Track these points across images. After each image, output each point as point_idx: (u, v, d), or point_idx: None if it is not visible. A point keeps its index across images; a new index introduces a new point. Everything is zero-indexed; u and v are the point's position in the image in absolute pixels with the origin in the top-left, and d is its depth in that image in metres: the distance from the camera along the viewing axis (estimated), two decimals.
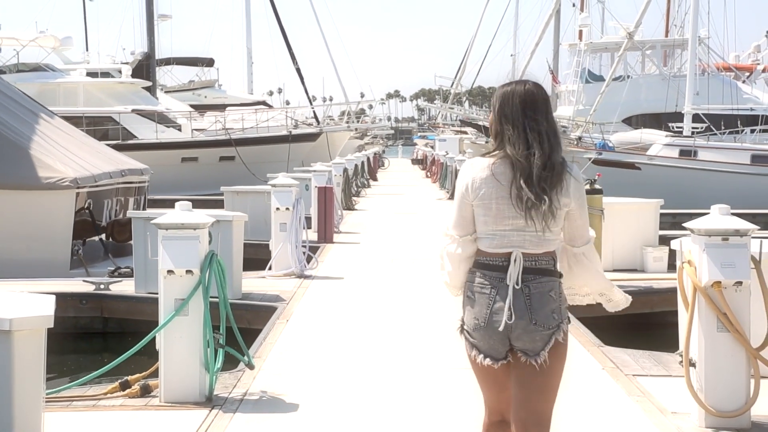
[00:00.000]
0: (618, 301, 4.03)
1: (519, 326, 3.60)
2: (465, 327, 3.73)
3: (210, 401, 6.17)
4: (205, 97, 48.46)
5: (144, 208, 15.53)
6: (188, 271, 6.16)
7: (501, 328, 3.60)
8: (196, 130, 35.46)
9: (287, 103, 65.48)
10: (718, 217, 5.70)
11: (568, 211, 3.69)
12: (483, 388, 3.82)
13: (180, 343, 6.16)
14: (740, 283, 5.57)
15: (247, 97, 51.15)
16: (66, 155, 14.04)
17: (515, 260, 3.62)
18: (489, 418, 3.87)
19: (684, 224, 5.94)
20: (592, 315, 10.43)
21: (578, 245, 3.81)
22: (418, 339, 8.31)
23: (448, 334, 7.69)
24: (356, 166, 30.42)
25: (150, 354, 6.47)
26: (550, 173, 3.59)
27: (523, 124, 3.62)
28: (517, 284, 3.61)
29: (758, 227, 5.78)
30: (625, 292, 11.76)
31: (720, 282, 5.55)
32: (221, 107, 41.05)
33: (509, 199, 3.61)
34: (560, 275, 3.72)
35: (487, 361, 3.68)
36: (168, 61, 49.85)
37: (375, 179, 39.08)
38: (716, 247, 5.59)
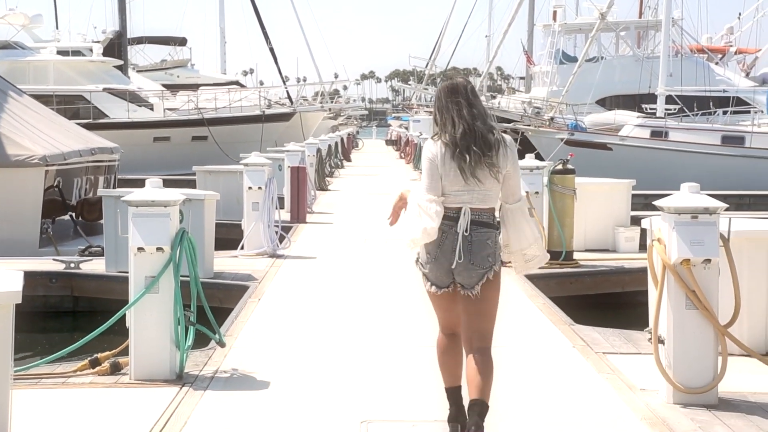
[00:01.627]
0: (540, 258, 4.92)
1: (461, 265, 4.63)
2: (419, 260, 4.76)
3: (181, 379, 6.15)
4: (178, 76, 48.10)
5: (114, 187, 15.41)
6: (159, 249, 6.13)
7: (453, 266, 4.62)
8: (168, 109, 35.22)
9: (261, 83, 65.04)
10: (688, 196, 5.73)
11: (506, 172, 4.66)
12: (435, 309, 4.87)
13: (150, 320, 6.13)
14: (709, 260, 5.61)
15: (220, 77, 50.84)
16: (35, 133, 13.90)
17: (464, 214, 4.63)
18: (442, 331, 4.88)
19: (654, 202, 5.97)
20: (565, 294, 10.58)
21: (511, 202, 4.75)
22: (388, 317, 8.33)
23: (417, 313, 7.71)
24: (330, 146, 30.33)
25: (120, 332, 6.44)
26: (482, 140, 4.60)
27: (449, 109, 4.67)
28: (466, 232, 4.61)
29: (727, 206, 5.81)
30: (597, 272, 11.84)
31: (689, 259, 5.58)
32: (194, 87, 40.76)
33: (457, 168, 4.60)
34: (498, 228, 4.71)
35: (433, 289, 4.73)
36: (140, 40, 49.39)
37: (349, 160, 39.01)
38: (685, 225, 5.62)
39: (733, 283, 5.83)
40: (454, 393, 4.81)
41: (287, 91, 40.25)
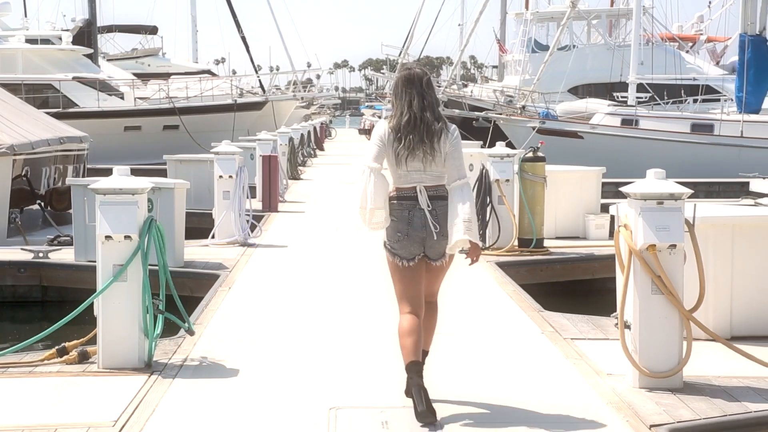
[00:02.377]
0: (462, 242, 5.16)
1: (433, 235, 5.16)
2: (388, 242, 5.25)
3: (149, 367, 6.14)
4: (149, 65, 47.79)
5: (83, 176, 15.31)
6: (126, 237, 6.10)
7: (435, 238, 5.16)
8: (139, 98, 34.97)
9: (234, 72, 64.75)
10: (654, 182, 5.78)
11: (447, 153, 5.18)
12: (404, 287, 5.27)
13: (118, 309, 6.11)
14: (674, 246, 5.66)
15: (191, 66, 50.57)
16: (2, 122, 13.78)
17: (420, 192, 5.18)
18: (408, 312, 5.25)
19: (621, 188, 6.01)
20: (536, 282, 10.65)
21: (451, 183, 5.23)
22: (358, 305, 8.34)
23: (386, 301, 7.72)
24: (302, 135, 30.28)
25: (90, 322, 6.41)
26: (427, 129, 5.14)
27: (402, 98, 5.20)
28: (429, 207, 5.15)
29: (692, 191, 5.87)
30: (567, 259, 11.92)
31: (655, 245, 5.63)
32: (165, 76, 40.50)
33: (405, 149, 5.15)
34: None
35: (404, 262, 5.21)
36: (110, 29, 49.03)
37: (322, 149, 38.96)
38: (651, 211, 5.67)
39: (698, 269, 5.88)
40: (415, 366, 5.12)
41: (259, 80, 40.09)
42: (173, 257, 10.00)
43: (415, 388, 5.03)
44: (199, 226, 13.36)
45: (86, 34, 37.21)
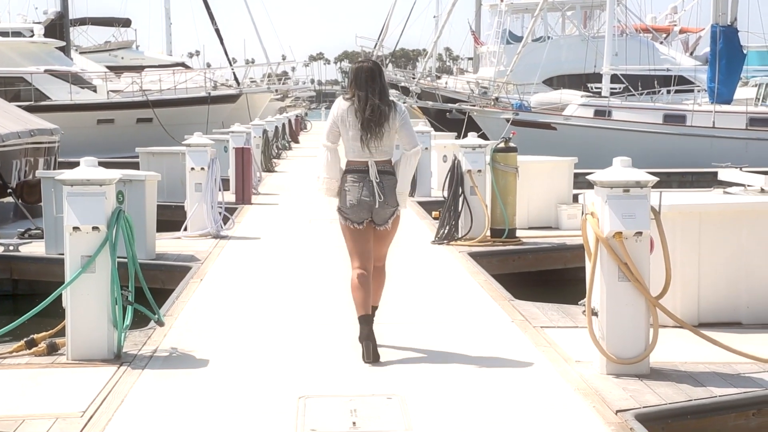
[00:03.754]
0: (401, 204, 6.25)
1: (380, 205, 6.12)
2: (341, 208, 6.20)
3: (119, 358, 6.12)
4: (122, 58, 47.49)
5: (54, 169, 15.21)
6: (94, 228, 6.07)
7: (377, 206, 6.11)
8: (112, 91, 34.78)
9: (208, 65, 64.47)
10: (620, 170, 5.83)
11: (398, 128, 6.13)
12: (355, 246, 6.23)
13: (87, 300, 6.09)
14: (640, 233, 5.71)
15: (165, 59, 50.27)
16: None
17: (371, 166, 6.12)
18: (359, 269, 6.21)
19: (587, 176, 6.06)
20: (508, 272, 10.70)
21: (408, 149, 6.20)
22: (329, 297, 8.34)
23: None
24: (277, 128, 30.18)
25: (59, 315, 6.38)
26: (379, 114, 6.06)
27: (364, 87, 6.09)
28: (377, 179, 6.10)
29: (657, 179, 5.91)
30: (539, 249, 11.99)
31: (621, 232, 5.68)
32: (138, 69, 40.28)
33: (359, 129, 6.07)
34: (396, 175, 6.20)
35: (355, 225, 6.16)
36: (83, 21, 48.65)
37: (297, 142, 38.86)
38: (618, 199, 5.72)
39: (663, 256, 5.94)
40: (366, 319, 6.13)
41: (233, 73, 39.95)
42: (144, 249, 9.98)
43: (365, 341, 6.06)
44: (172, 219, 13.31)
45: (58, 27, 36.94)
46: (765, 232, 7.14)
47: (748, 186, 9.65)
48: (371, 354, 6.02)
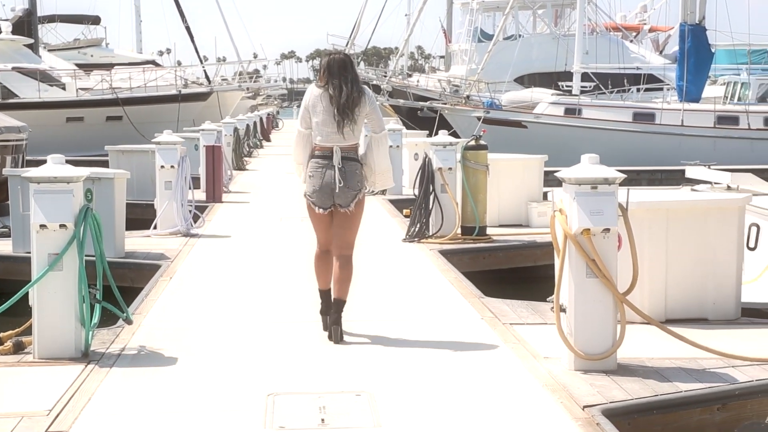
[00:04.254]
0: (385, 183, 6.79)
1: (341, 189, 6.50)
2: (307, 193, 6.60)
3: (86, 357, 6.08)
4: (92, 56, 47.11)
5: (22, 167, 15.07)
6: (62, 226, 6.03)
7: (337, 191, 6.48)
8: (81, 89, 34.50)
9: (179, 63, 64.09)
10: (588, 167, 5.86)
11: (367, 114, 6.56)
12: (317, 229, 6.73)
13: (54, 298, 6.05)
14: (608, 230, 5.75)
15: (135, 56, 49.95)
16: None
17: (336, 152, 6.50)
18: (319, 248, 6.77)
19: (556, 174, 6.09)
20: (478, 269, 10.73)
21: (377, 132, 6.67)
22: (299, 295, 8.32)
23: None
24: (248, 126, 30.10)
25: (27, 313, 6.33)
26: (353, 99, 6.45)
27: (338, 76, 6.49)
28: (340, 165, 6.47)
29: (625, 176, 5.96)
30: (510, 246, 11.98)
31: (589, 229, 5.72)
32: (108, 66, 39.98)
33: (330, 116, 6.46)
34: (360, 161, 6.61)
35: (320, 210, 6.58)
36: (51, 19, 48.24)
37: (268, 140, 38.75)
38: (586, 196, 5.75)
39: (631, 253, 5.98)
40: (325, 294, 6.73)
41: (204, 71, 39.77)
42: (113, 248, 9.92)
43: (323, 317, 6.72)
44: (142, 217, 13.23)
45: (26, 24, 36.60)
46: (730, 229, 7.22)
47: (715, 183, 9.74)
48: (338, 336, 6.50)
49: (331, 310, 6.58)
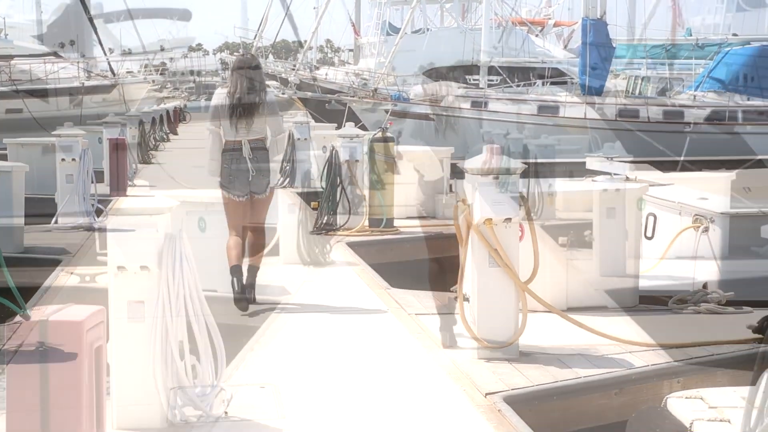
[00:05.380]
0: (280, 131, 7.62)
1: (254, 177, 7.26)
2: (222, 183, 7.31)
3: None
4: None
5: None
6: None
7: (250, 179, 7.24)
8: None
9: (83, 55, 62.71)
10: (490, 157, 5.92)
11: (267, 116, 7.23)
12: (231, 216, 7.33)
13: None
14: (509, 219, 5.83)
15: (36, 48, 48.65)
16: None
17: (244, 144, 7.26)
18: (232, 236, 7.30)
19: (459, 164, 6.15)
20: (386, 261, 10.74)
21: (275, 135, 7.45)
22: (204, 286, 8.22)
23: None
24: (154, 119, 29.61)
25: None
26: (252, 99, 7.13)
27: (236, 77, 7.26)
28: (251, 155, 7.22)
29: (525, 167, 6.06)
30: (417, 238, 12.00)
31: (491, 219, 5.79)
32: (8, 58, 38.85)
33: (236, 117, 7.21)
34: (268, 150, 7.38)
35: (239, 198, 7.27)
36: None
37: (175, 133, 38.15)
38: (488, 186, 5.82)
39: (532, 242, 6.08)
40: (236, 269, 7.21)
41: (109, 63, 38.97)
42: (12, 243, 9.68)
43: (235, 281, 7.10)
44: (44, 212, 12.89)
45: None
46: (628, 219, 7.40)
47: (615, 175, 9.94)
48: (242, 294, 7.08)
49: (246, 275, 7.22)
